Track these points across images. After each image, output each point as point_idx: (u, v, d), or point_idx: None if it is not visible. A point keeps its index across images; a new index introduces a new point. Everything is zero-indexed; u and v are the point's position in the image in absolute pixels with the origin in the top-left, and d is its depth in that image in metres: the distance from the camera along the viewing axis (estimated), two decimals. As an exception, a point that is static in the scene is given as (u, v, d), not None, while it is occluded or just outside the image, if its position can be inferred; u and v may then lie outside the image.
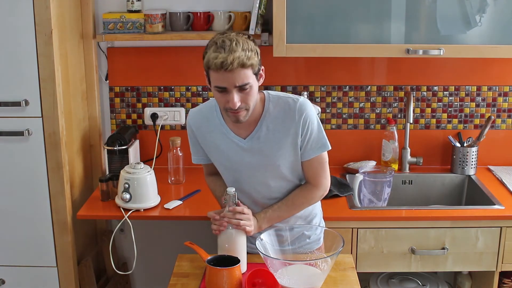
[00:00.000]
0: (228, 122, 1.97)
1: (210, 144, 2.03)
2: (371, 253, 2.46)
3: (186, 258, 2.08)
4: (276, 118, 1.94)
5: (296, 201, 2.02)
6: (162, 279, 2.63)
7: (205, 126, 2.02)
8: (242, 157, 1.98)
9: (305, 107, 1.93)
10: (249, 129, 1.96)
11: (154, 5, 2.78)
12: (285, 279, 1.76)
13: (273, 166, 1.98)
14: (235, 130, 1.97)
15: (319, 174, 2.02)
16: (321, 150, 1.98)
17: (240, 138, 1.97)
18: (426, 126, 2.93)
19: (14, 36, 2.33)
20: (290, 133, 1.94)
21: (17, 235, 2.55)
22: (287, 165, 1.99)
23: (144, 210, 2.47)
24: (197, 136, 2.05)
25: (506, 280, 2.58)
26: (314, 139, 1.96)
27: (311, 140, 1.96)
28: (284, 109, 1.94)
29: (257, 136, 1.96)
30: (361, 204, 2.67)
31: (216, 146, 2.01)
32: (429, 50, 2.49)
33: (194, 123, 2.04)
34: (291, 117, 1.92)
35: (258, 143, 1.96)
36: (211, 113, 2.01)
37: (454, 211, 2.49)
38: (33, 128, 2.43)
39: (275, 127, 1.94)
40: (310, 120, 1.93)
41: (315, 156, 1.98)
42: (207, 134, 2.02)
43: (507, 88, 2.88)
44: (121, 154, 2.71)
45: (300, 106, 1.92)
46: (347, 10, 2.49)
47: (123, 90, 2.91)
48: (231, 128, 1.98)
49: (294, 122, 1.92)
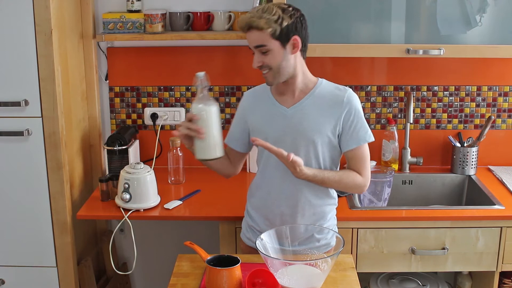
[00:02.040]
0: (275, 95, 2.10)
1: (256, 117, 2.12)
2: (371, 253, 2.46)
3: (186, 258, 2.08)
4: (323, 98, 2.05)
5: (343, 177, 2.07)
6: (162, 279, 2.64)
7: (255, 102, 2.15)
8: (283, 125, 2.06)
9: (353, 97, 2.05)
10: (294, 102, 2.07)
11: (154, 5, 2.78)
12: (285, 279, 1.76)
13: (309, 140, 2.04)
14: (280, 101, 2.09)
15: (364, 166, 2.08)
16: (366, 139, 2.06)
17: (284, 107, 2.07)
18: (426, 126, 2.93)
19: (14, 36, 2.33)
20: (333, 116, 2.03)
21: (17, 235, 2.55)
22: (322, 145, 2.05)
23: (144, 210, 2.47)
24: (246, 113, 2.15)
25: (506, 280, 2.58)
26: (358, 128, 2.04)
27: (357, 129, 2.04)
28: (333, 93, 2.06)
29: (300, 108, 2.06)
30: (361, 204, 2.67)
31: (262, 116, 2.11)
32: (429, 50, 2.48)
33: (247, 99, 2.19)
34: (339, 102, 2.04)
35: (301, 113, 2.05)
36: (263, 90, 2.15)
37: (454, 211, 2.49)
38: (33, 128, 2.43)
39: (320, 106, 2.04)
40: (356, 109, 2.04)
41: (359, 146, 2.05)
42: (256, 107, 2.14)
43: (507, 88, 2.88)
44: (121, 154, 2.71)
45: (349, 95, 2.05)
46: (347, 10, 2.49)
47: (123, 90, 2.91)
48: (278, 99, 2.09)
49: (340, 108, 2.03)
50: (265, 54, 1.96)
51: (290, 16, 1.95)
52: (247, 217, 2.23)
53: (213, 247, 2.53)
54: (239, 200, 2.44)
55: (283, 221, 2.09)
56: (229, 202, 2.52)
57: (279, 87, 2.08)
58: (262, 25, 1.91)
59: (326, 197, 2.13)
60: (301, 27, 1.98)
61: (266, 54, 1.95)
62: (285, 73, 2.00)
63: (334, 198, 2.18)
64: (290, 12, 1.96)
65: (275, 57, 1.96)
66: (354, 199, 2.61)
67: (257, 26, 1.92)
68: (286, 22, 1.93)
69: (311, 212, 2.11)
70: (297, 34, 1.97)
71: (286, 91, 2.07)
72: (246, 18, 1.93)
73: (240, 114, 2.19)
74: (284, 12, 1.94)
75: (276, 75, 1.99)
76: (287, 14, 1.95)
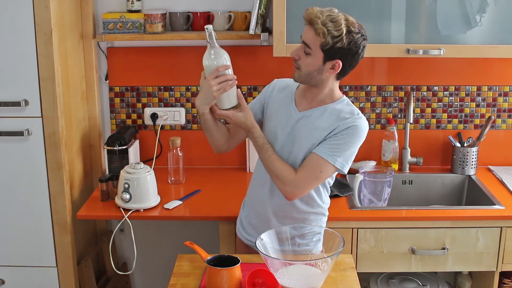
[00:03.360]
0: (297, 95, 2.09)
1: (274, 106, 2.12)
2: (371, 253, 2.46)
3: (186, 258, 2.08)
4: (333, 114, 2.01)
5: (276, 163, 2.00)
6: (162, 279, 2.64)
7: (279, 93, 2.14)
8: (287, 126, 2.06)
9: (360, 122, 1.98)
10: (307, 108, 2.06)
11: (154, 5, 2.78)
12: (285, 279, 1.76)
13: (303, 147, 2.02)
14: (297, 103, 2.08)
15: (304, 172, 1.99)
16: (328, 157, 1.96)
17: (297, 109, 2.07)
18: (426, 126, 2.93)
19: (14, 36, 2.33)
20: (330, 129, 1.99)
21: (17, 235, 2.55)
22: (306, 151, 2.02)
23: (144, 210, 2.47)
24: (268, 95, 2.15)
25: (506, 280, 2.58)
26: (335, 144, 1.96)
27: (333, 142, 1.97)
28: (345, 111, 2.01)
29: (308, 115, 2.04)
30: (361, 204, 2.67)
31: (276, 109, 2.11)
32: (429, 50, 2.48)
33: (274, 86, 2.17)
34: (343, 118, 1.99)
35: (306, 121, 2.04)
36: (292, 84, 2.13)
37: (454, 211, 2.49)
38: (33, 128, 2.42)
39: (325, 120, 2.01)
40: (353, 132, 1.96)
41: (318, 155, 1.97)
42: (276, 98, 2.13)
43: (507, 88, 2.88)
44: (121, 154, 2.70)
45: (358, 119, 1.98)
46: (347, 10, 2.47)
47: (123, 90, 2.91)
48: (297, 100, 2.09)
49: (340, 123, 1.98)
50: (305, 54, 1.94)
51: (350, 42, 1.89)
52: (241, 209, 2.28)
53: (213, 247, 2.53)
54: (239, 200, 2.44)
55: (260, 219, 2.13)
56: (229, 202, 2.52)
57: (303, 89, 2.07)
58: (319, 32, 1.87)
59: (313, 203, 2.11)
60: (352, 57, 1.93)
61: (306, 54, 1.94)
62: (312, 82, 1.99)
63: (323, 207, 2.15)
64: (354, 37, 1.90)
65: (311, 63, 1.94)
66: (354, 199, 2.61)
67: (316, 29, 1.88)
68: (341, 44, 1.88)
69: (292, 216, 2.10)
70: (343, 59, 1.92)
71: (307, 95, 2.05)
72: (313, 14, 1.89)
73: (262, 95, 2.19)
74: (347, 34, 1.89)
75: (302, 77, 1.98)
76: (349, 37, 1.89)
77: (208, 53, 1.94)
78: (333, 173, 2.02)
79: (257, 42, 2.77)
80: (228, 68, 1.94)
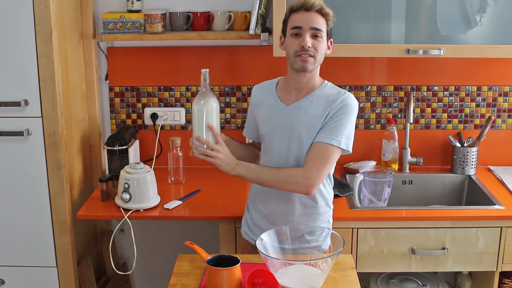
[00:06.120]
0: (279, 92, 2.13)
1: (261, 111, 2.16)
2: (371, 253, 2.46)
3: (186, 258, 2.08)
4: (321, 99, 2.06)
5: (280, 172, 2.03)
6: (162, 279, 2.63)
7: (262, 97, 2.18)
8: (279, 122, 2.09)
9: (349, 99, 2.05)
10: (295, 101, 2.10)
11: (154, 5, 2.78)
12: (285, 279, 1.76)
13: (300, 137, 2.05)
14: (283, 99, 2.12)
15: (313, 161, 2.02)
16: (331, 140, 2.01)
17: (284, 105, 2.10)
18: (426, 126, 2.93)
19: (14, 36, 2.33)
20: (323, 114, 2.04)
21: (17, 235, 2.55)
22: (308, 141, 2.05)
23: (144, 210, 2.47)
24: (254, 108, 2.20)
25: (506, 280, 2.58)
26: (333, 127, 2.02)
27: (331, 126, 2.02)
28: (332, 94, 2.07)
29: (298, 107, 2.08)
30: (361, 204, 2.67)
31: (264, 112, 2.15)
32: (429, 50, 2.48)
33: (255, 93, 2.22)
34: (333, 101, 2.04)
35: (297, 112, 2.07)
36: (270, 86, 2.18)
37: (454, 211, 2.49)
38: (33, 128, 2.43)
39: (316, 106, 2.06)
40: (345, 110, 2.03)
41: (321, 142, 2.01)
42: (261, 102, 2.17)
43: (507, 88, 2.88)
44: (121, 154, 2.71)
45: (346, 97, 2.05)
46: (347, 10, 2.49)
47: (123, 90, 2.91)
48: (280, 97, 2.13)
49: (331, 106, 2.04)
50: (316, 39, 2.00)
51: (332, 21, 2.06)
52: (246, 210, 2.27)
53: (213, 247, 2.53)
54: (239, 200, 2.44)
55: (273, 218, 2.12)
56: (229, 202, 2.52)
57: (289, 83, 2.10)
58: (326, 15, 2.01)
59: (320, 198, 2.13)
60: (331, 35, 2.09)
61: (318, 40, 2.00)
62: (318, 65, 2.05)
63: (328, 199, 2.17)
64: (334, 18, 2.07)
65: (323, 47, 2.03)
66: (354, 199, 2.61)
67: (324, 13, 2.00)
68: (332, 24, 2.05)
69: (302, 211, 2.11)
70: (332, 37, 2.08)
71: (297, 87, 2.08)
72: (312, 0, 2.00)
73: (250, 109, 2.24)
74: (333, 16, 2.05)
75: (316, 63, 2.04)
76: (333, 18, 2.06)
77: (199, 98, 1.99)
78: (339, 155, 2.06)
79: (257, 42, 2.77)
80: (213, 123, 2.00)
